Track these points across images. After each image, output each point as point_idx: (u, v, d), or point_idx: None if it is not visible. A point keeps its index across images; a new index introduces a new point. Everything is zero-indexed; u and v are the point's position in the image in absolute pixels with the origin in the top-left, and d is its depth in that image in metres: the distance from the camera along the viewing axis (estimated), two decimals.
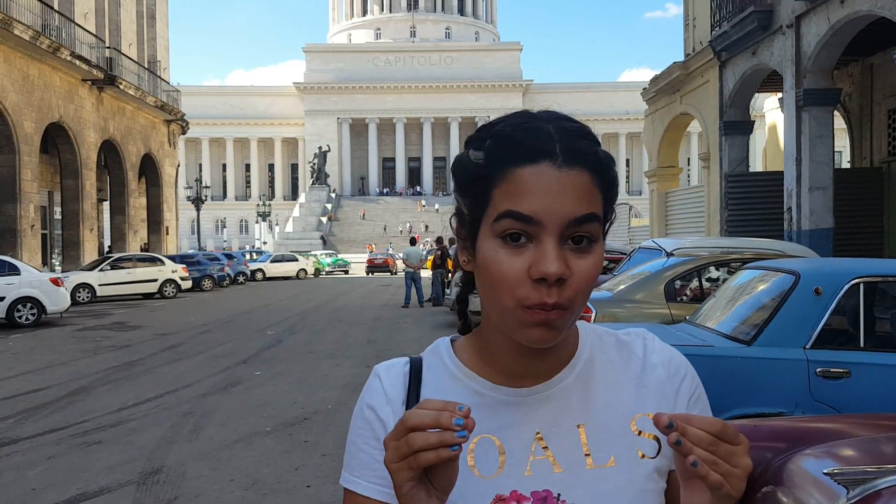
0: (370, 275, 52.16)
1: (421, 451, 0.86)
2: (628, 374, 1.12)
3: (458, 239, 1.09)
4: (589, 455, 1.05)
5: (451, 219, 1.12)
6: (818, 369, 4.82)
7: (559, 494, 1.03)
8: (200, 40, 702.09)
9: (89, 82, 32.75)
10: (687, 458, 0.87)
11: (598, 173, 1.00)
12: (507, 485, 1.04)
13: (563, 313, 0.97)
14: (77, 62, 30.36)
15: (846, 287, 5.01)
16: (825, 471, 2.55)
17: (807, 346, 4.90)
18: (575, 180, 0.97)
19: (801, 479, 2.74)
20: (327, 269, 55.38)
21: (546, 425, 1.07)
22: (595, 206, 0.98)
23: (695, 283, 9.20)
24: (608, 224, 1.05)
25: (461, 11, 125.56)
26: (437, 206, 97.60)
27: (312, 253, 61.46)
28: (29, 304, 19.03)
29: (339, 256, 60.60)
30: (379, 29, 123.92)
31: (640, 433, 1.07)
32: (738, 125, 20.88)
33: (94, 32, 34.42)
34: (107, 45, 35.66)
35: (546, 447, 1.05)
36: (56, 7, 30.32)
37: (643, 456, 1.06)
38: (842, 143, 25.19)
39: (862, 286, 5.01)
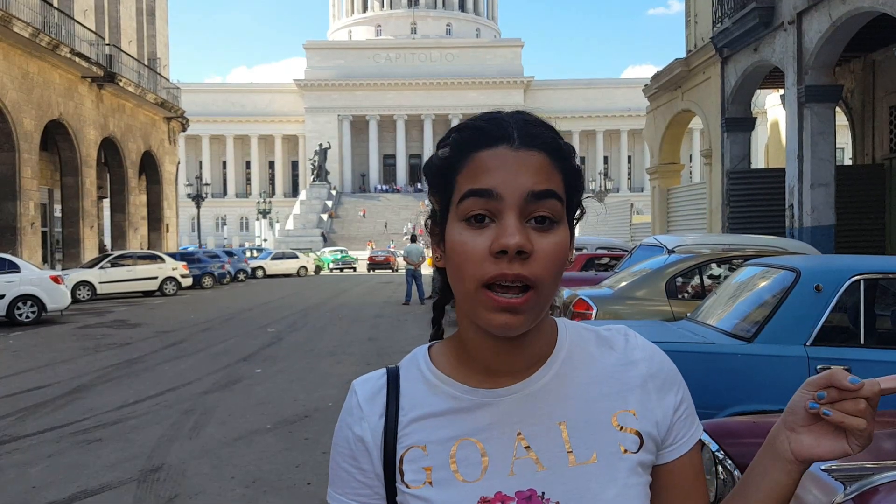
0: (372, 272, 52.39)
1: None
2: (609, 369, 1.12)
3: (431, 237, 1.11)
4: (571, 452, 1.05)
5: (426, 221, 1.14)
6: (819, 366, 4.81)
7: (543, 493, 1.03)
8: (202, 37, 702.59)
9: (89, 79, 32.73)
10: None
11: (556, 157, 1.03)
12: (490, 487, 1.04)
13: (527, 298, 0.98)
14: (77, 59, 30.33)
15: (847, 284, 5.00)
16: (822, 467, 2.55)
17: (807, 343, 4.89)
18: (532, 159, 1.00)
19: None
20: (330, 265, 55.33)
21: (527, 425, 1.07)
22: (554, 185, 1.01)
23: (696, 281, 9.20)
24: (576, 218, 1.08)
25: (462, 8, 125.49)
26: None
27: (322, 250, 61.58)
28: (29, 302, 19.03)
29: (347, 253, 60.27)
30: (380, 25, 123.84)
31: (621, 429, 1.08)
32: (739, 122, 20.88)
33: (94, 29, 34.39)
34: (106, 42, 35.63)
35: (528, 447, 1.06)
36: (55, 4, 30.30)
37: (625, 451, 1.07)
38: (844, 139, 25.21)
39: (862, 283, 5.01)
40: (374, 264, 53.73)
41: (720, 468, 3.09)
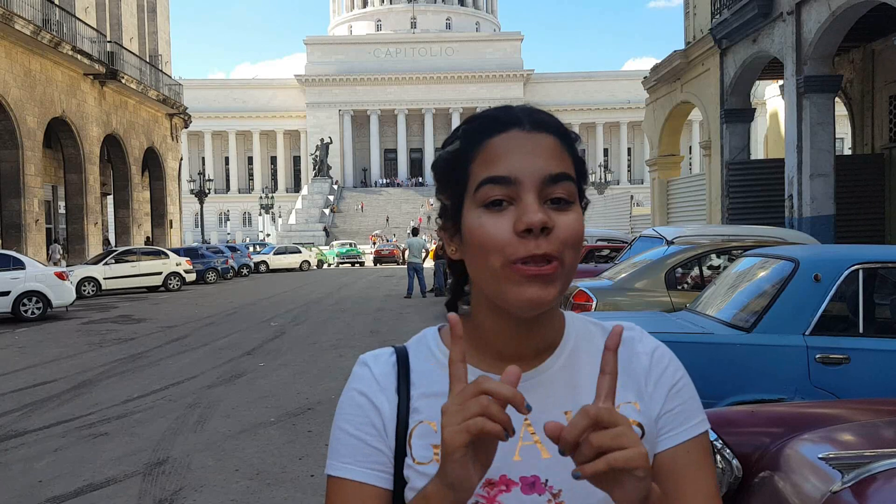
0: (378, 265, 52.80)
1: (485, 416, 0.87)
2: (620, 364, 1.13)
3: (443, 233, 1.12)
4: None
5: (436, 219, 1.15)
6: (817, 355, 4.84)
7: (546, 480, 1.06)
8: (206, 33, 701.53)
9: (91, 77, 32.77)
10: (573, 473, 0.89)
11: (565, 141, 1.07)
12: (496, 470, 1.05)
13: (555, 266, 1.01)
14: (78, 57, 30.37)
15: (845, 273, 5.02)
16: (820, 455, 2.57)
17: (806, 333, 4.91)
18: (544, 141, 1.04)
19: (798, 464, 2.76)
20: (335, 259, 55.22)
21: (534, 412, 1.06)
22: (567, 168, 1.04)
23: (695, 272, 9.23)
24: (583, 203, 1.09)
25: (461, 2, 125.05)
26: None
27: (331, 244, 61.65)
28: (34, 298, 19.09)
29: (355, 247, 59.94)
30: (379, 20, 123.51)
31: None
32: (738, 113, 20.89)
33: (95, 27, 34.41)
34: (108, 39, 35.66)
35: (534, 433, 1.08)
36: (56, 2, 30.33)
37: None
38: (843, 129, 25.18)
39: (861, 272, 5.02)
40: (379, 258, 54.42)
41: (718, 457, 3.11)
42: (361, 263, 55.14)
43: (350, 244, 60.83)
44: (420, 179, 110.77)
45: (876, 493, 2.27)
